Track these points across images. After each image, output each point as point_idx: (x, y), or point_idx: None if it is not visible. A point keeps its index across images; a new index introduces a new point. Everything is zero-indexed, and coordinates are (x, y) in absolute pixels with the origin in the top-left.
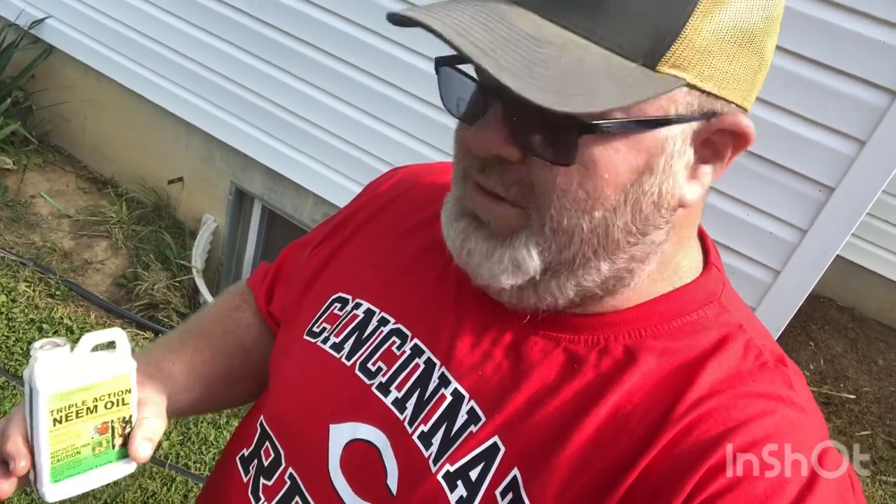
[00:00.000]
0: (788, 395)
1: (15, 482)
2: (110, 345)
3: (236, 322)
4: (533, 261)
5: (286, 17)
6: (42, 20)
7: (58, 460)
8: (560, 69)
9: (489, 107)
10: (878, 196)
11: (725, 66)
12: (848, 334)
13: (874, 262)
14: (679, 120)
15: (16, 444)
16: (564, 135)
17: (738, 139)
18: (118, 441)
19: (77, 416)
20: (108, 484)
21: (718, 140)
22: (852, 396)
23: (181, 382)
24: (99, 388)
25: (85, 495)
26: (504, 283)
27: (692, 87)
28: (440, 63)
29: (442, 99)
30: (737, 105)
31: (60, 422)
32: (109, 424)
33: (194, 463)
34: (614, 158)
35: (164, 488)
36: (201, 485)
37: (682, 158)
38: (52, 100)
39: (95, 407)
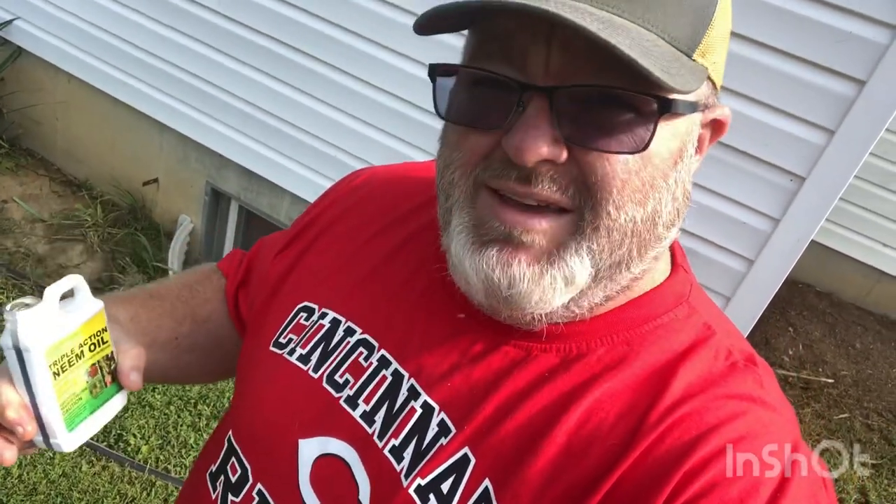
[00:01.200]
0: (759, 394)
1: (16, 449)
2: (71, 292)
3: (193, 293)
4: (585, 270)
5: (258, 16)
6: (10, 22)
7: (66, 410)
8: (654, 50)
9: (524, 106)
10: (851, 182)
11: (721, 57)
12: (826, 319)
13: (851, 248)
14: (700, 107)
15: (17, 411)
16: (640, 118)
17: (717, 129)
18: (108, 378)
19: (70, 365)
20: (87, 491)
21: (703, 132)
22: (831, 381)
23: (126, 329)
24: (81, 332)
25: (63, 502)
26: (555, 305)
27: (708, 77)
28: (439, 69)
29: (437, 107)
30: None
31: (59, 374)
32: (97, 366)
33: (174, 467)
34: (661, 145)
35: (144, 493)
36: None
37: (694, 147)
38: (22, 102)
39: (82, 352)
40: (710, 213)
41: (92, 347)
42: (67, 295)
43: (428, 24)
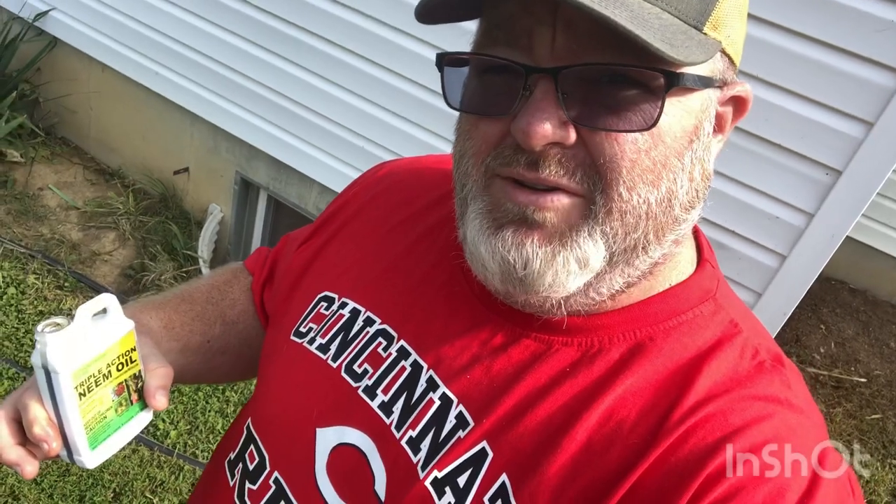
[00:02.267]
0: (787, 396)
1: (38, 463)
2: (103, 311)
3: (223, 295)
4: (599, 253)
5: (290, 7)
6: (46, 12)
7: (90, 429)
8: (655, 22)
9: (531, 91)
10: (889, 177)
11: (737, 32)
12: (860, 317)
13: (887, 244)
14: (716, 83)
15: (42, 427)
16: (647, 95)
17: (739, 107)
18: (134, 396)
19: (97, 385)
20: (118, 473)
21: (723, 110)
22: (863, 380)
23: (158, 336)
24: (110, 353)
25: (94, 483)
26: (570, 289)
27: (722, 51)
28: (446, 58)
29: (447, 97)
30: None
31: (84, 394)
32: (124, 384)
33: (202, 452)
34: (673, 122)
35: (172, 477)
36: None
37: (711, 125)
38: (57, 92)
39: (110, 372)
40: (742, 207)
41: (120, 367)
42: (99, 313)
43: (430, 12)
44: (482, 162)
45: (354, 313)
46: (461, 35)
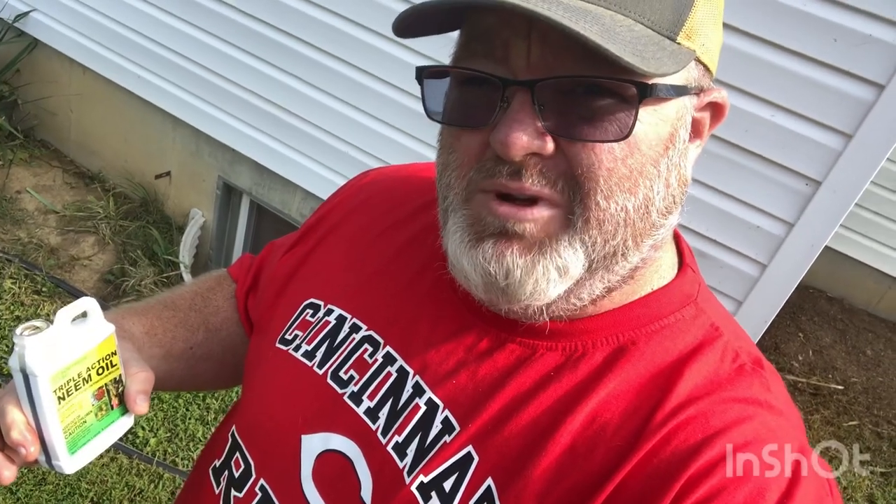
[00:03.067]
0: (766, 398)
1: (16, 469)
2: (83, 314)
3: (206, 302)
4: (579, 261)
5: (272, 10)
6: (27, 13)
7: (69, 434)
8: (627, 35)
9: (508, 102)
10: (867, 188)
11: (712, 40)
12: (837, 325)
13: (864, 254)
14: (691, 91)
15: (21, 432)
16: (621, 105)
17: (716, 113)
18: (115, 401)
19: (76, 389)
20: (96, 482)
21: (700, 116)
22: (840, 387)
23: (140, 342)
24: (90, 357)
25: (71, 492)
26: (551, 297)
27: (697, 59)
28: (425, 71)
29: (427, 109)
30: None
31: (64, 398)
32: (104, 388)
33: (182, 459)
34: (649, 131)
35: (152, 485)
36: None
37: (687, 132)
38: (37, 94)
39: (90, 376)
40: (724, 216)
41: (100, 371)
42: (79, 317)
43: (407, 27)
44: (465, 175)
45: (340, 320)
46: (445, 42)
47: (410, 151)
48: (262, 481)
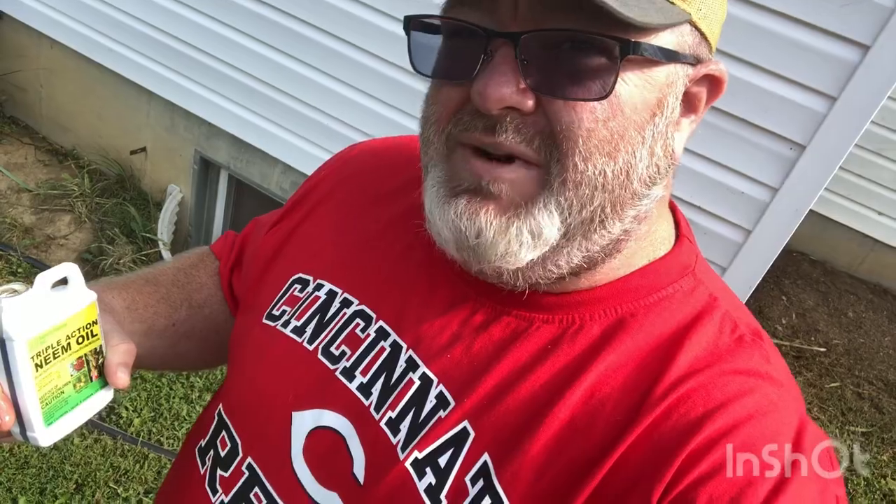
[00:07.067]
0: (767, 370)
1: None
2: (63, 281)
3: (189, 278)
4: (554, 225)
5: None
6: None
7: (46, 404)
8: None
9: (491, 55)
10: (850, 150)
11: (711, 8)
12: (819, 288)
13: (846, 216)
14: (684, 59)
15: None
16: (604, 62)
17: (714, 87)
18: (94, 373)
19: (55, 357)
20: (79, 464)
21: (696, 90)
22: (823, 349)
23: (121, 316)
24: (70, 324)
25: (55, 475)
26: (522, 260)
27: (693, 25)
28: (412, 21)
29: (413, 61)
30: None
31: (41, 366)
32: (84, 359)
33: (167, 439)
34: (634, 94)
35: (137, 465)
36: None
37: (677, 102)
38: (4, 69)
39: (69, 344)
40: (707, 182)
41: (80, 340)
42: (59, 283)
43: None
44: (443, 130)
45: (331, 295)
46: (426, 9)
47: (391, 122)
48: (249, 460)
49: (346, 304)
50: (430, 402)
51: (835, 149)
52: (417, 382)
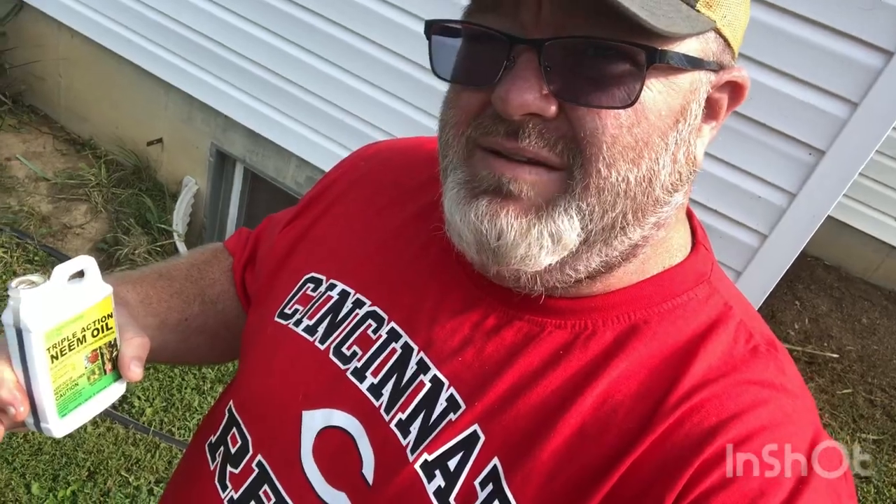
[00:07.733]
0: (781, 381)
1: (2, 428)
2: (80, 273)
3: (202, 273)
4: (574, 230)
5: None
6: None
7: (60, 395)
8: None
9: (514, 61)
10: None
11: (735, 14)
12: (833, 293)
13: (862, 222)
14: (708, 66)
15: (10, 391)
16: (629, 69)
17: (736, 93)
18: (108, 366)
19: (70, 349)
20: (92, 452)
21: (718, 96)
22: (836, 356)
23: (135, 310)
24: (86, 317)
25: (68, 462)
26: (542, 264)
27: (717, 31)
28: (433, 26)
29: (433, 66)
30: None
31: (57, 357)
32: (98, 351)
33: (178, 429)
34: (658, 100)
35: (149, 455)
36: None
37: (700, 108)
38: (24, 58)
39: (84, 336)
40: (724, 186)
41: (95, 333)
42: (76, 276)
43: None
44: (462, 133)
45: (344, 295)
46: (447, 7)
47: (409, 120)
48: (259, 457)
49: (358, 304)
50: (441, 404)
51: (854, 155)
52: (428, 385)
